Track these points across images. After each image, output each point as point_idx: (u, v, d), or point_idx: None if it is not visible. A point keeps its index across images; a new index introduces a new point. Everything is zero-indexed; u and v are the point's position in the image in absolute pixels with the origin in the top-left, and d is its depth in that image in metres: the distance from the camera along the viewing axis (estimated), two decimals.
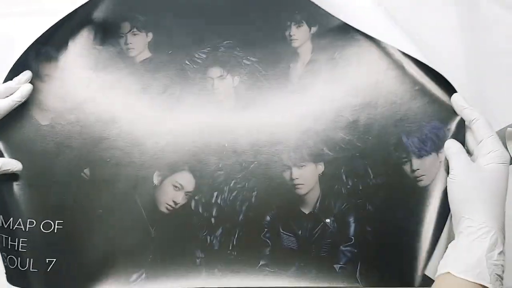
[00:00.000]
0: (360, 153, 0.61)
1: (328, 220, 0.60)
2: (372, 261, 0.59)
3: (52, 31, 0.63)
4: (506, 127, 0.62)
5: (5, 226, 0.60)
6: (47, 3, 0.73)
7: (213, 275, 0.59)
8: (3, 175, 0.61)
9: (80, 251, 0.61)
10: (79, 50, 0.66)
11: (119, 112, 0.65)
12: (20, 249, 0.60)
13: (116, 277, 0.60)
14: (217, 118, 0.64)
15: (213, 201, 0.61)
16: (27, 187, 0.62)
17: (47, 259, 0.60)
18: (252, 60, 0.65)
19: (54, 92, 0.65)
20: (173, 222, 0.61)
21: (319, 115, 0.63)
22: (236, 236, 0.60)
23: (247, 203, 0.61)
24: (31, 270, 0.60)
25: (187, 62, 0.66)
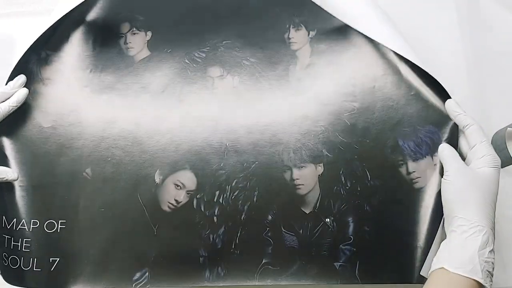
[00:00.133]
0: (358, 156, 0.62)
1: (328, 220, 0.61)
2: (371, 259, 0.60)
3: (50, 33, 0.63)
4: (506, 127, 0.63)
5: (8, 227, 0.61)
6: (47, 3, 0.73)
7: (216, 273, 0.60)
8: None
9: (83, 250, 0.61)
10: (78, 51, 0.66)
11: (119, 111, 0.65)
12: (23, 249, 0.60)
13: (119, 276, 0.60)
14: (217, 117, 0.64)
15: (215, 200, 0.61)
16: (31, 188, 0.62)
17: (50, 259, 0.61)
18: (251, 61, 0.66)
19: (55, 94, 0.65)
20: (175, 221, 0.61)
21: (318, 118, 0.63)
22: (238, 235, 0.60)
23: (249, 202, 0.61)
24: (34, 269, 0.60)
25: (186, 61, 0.66)
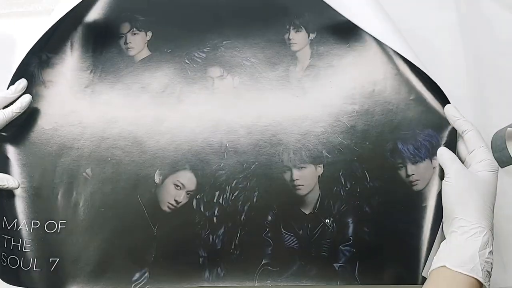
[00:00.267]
0: (357, 157, 0.62)
1: (327, 221, 0.61)
2: (370, 260, 0.60)
3: (50, 35, 0.63)
4: (506, 127, 0.63)
5: (8, 228, 0.61)
6: (47, 3, 0.73)
7: (215, 274, 0.60)
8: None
9: (83, 250, 0.61)
10: (79, 52, 0.66)
11: (119, 111, 0.65)
12: (24, 249, 0.60)
13: (119, 276, 0.60)
14: (217, 117, 0.64)
15: (215, 201, 0.61)
16: (32, 189, 0.62)
17: (50, 259, 0.61)
18: (252, 61, 0.66)
19: (56, 96, 0.65)
20: (175, 221, 0.61)
21: (318, 119, 0.63)
22: (238, 236, 0.60)
23: (248, 203, 0.61)
24: (34, 269, 0.60)
25: (186, 61, 0.66)
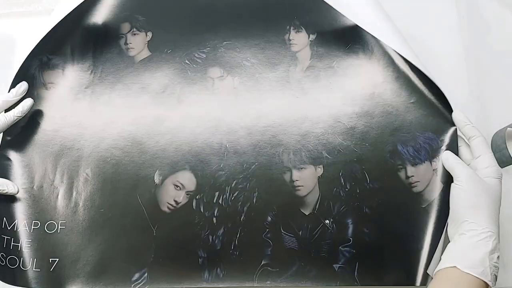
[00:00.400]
0: (357, 158, 0.62)
1: (327, 221, 0.60)
2: (369, 261, 0.60)
3: (50, 36, 0.63)
4: (506, 127, 0.63)
5: (8, 228, 0.61)
6: (47, 3, 0.73)
7: (215, 274, 0.60)
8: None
9: (83, 250, 0.61)
10: (79, 53, 0.66)
11: (119, 112, 0.65)
12: (24, 250, 0.60)
13: (118, 276, 0.60)
14: (217, 118, 0.64)
15: (214, 201, 0.61)
16: (32, 190, 0.62)
17: (50, 259, 0.61)
18: (252, 61, 0.66)
19: (57, 97, 0.65)
20: (175, 222, 0.61)
21: (318, 120, 0.63)
22: (238, 236, 0.60)
23: (248, 203, 0.61)
24: (34, 270, 0.60)
25: (186, 62, 0.66)
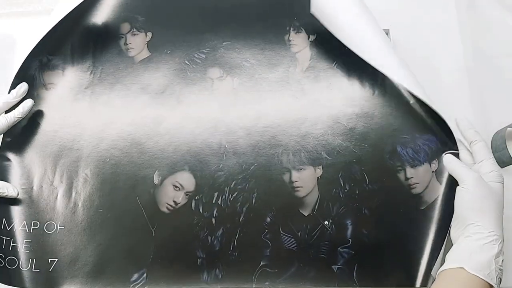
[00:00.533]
0: (356, 159, 0.62)
1: (326, 222, 0.60)
2: (368, 262, 0.59)
3: (50, 37, 0.63)
4: (506, 127, 0.63)
5: (7, 229, 0.61)
6: (47, 3, 0.73)
7: (214, 275, 0.60)
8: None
9: (82, 250, 0.61)
10: (79, 53, 0.66)
11: (119, 112, 0.65)
12: (23, 250, 0.60)
13: (117, 276, 0.60)
14: (217, 118, 0.64)
15: (213, 202, 0.61)
16: (32, 190, 0.62)
17: (49, 259, 0.61)
18: (251, 62, 0.66)
19: (57, 98, 0.65)
20: (173, 222, 0.61)
21: (317, 120, 0.63)
22: (237, 237, 0.60)
23: (247, 204, 0.61)
24: (33, 270, 0.60)
25: (186, 62, 0.66)
